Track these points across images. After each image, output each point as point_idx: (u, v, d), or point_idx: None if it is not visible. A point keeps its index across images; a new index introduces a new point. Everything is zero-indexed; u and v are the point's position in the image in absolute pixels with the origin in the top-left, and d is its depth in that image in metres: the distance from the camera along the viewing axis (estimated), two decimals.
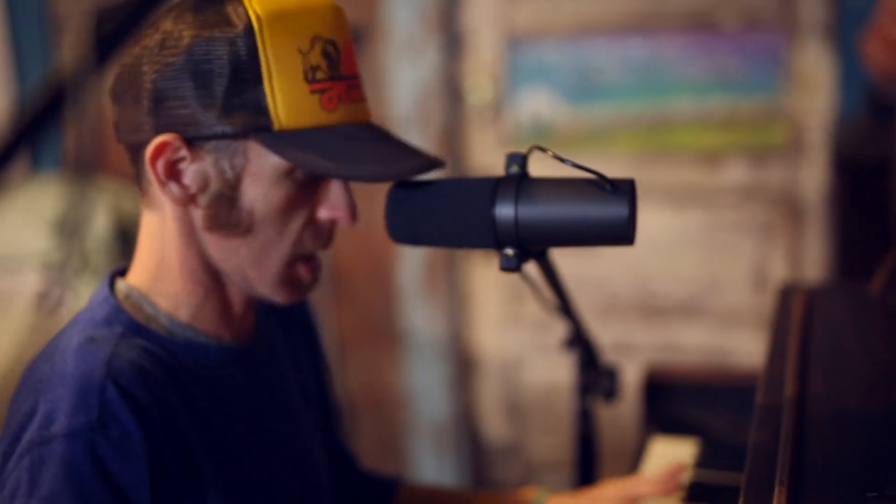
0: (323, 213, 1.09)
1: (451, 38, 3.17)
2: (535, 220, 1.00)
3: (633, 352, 3.11)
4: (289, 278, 1.11)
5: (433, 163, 1.06)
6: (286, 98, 1.01)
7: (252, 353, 1.18)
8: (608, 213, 0.99)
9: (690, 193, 3.08)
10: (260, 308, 1.24)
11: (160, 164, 1.04)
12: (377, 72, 3.13)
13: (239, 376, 1.14)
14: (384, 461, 3.27)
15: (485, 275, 3.27)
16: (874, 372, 1.27)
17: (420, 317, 3.23)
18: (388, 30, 3.09)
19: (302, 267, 1.11)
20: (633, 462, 1.57)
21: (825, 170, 2.92)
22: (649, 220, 3.12)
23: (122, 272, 1.16)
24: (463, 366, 3.31)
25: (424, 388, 3.27)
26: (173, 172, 1.05)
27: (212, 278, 1.11)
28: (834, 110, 2.90)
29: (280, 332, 1.29)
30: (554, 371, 3.20)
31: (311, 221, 1.09)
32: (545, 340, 3.23)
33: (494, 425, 3.32)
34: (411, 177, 1.05)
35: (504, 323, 3.27)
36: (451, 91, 3.17)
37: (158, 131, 1.03)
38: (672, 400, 1.70)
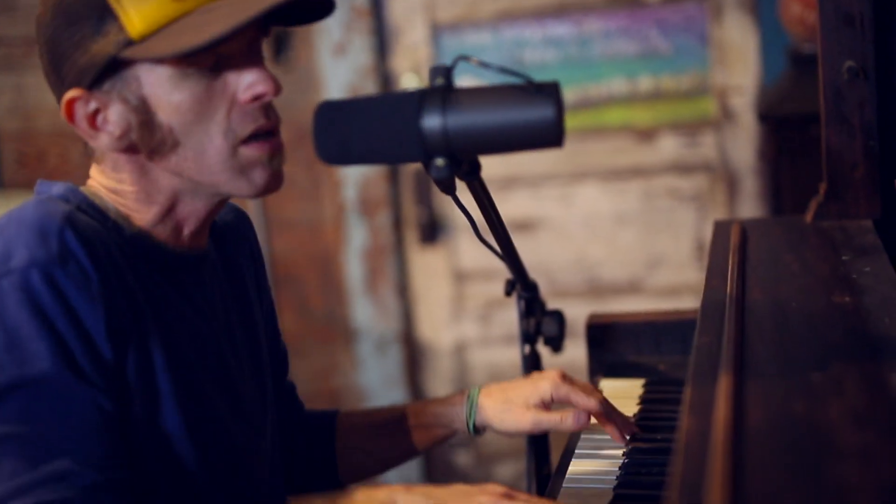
0: (243, 95, 1.09)
1: (380, 32, 3.17)
2: (462, 127, 0.99)
3: (578, 334, 3.11)
4: (242, 165, 1.10)
5: None
6: (135, 5, 1.04)
7: (205, 262, 1.19)
8: (534, 115, 0.99)
9: (625, 171, 3.11)
10: (212, 232, 1.23)
11: (79, 120, 1.08)
12: (308, 71, 3.12)
13: (194, 277, 1.16)
14: None
15: (427, 261, 3.25)
16: (812, 280, 1.28)
17: (367, 311, 3.21)
18: (318, 28, 3.07)
19: (250, 149, 1.10)
20: None
21: (756, 137, 2.96)
22: (586, 199, 3.14)
23: None
24: (413, 357, 3.29)
25: (376, 382, 3.25)
26: (96, 125, 1.08)
27: (167, 201, 1.12)
28: (760, 78, 2.94)
29: (230, 260, 1.29)
30: (503, 353, 3.19)
31: (234, 107, 1.09)
32: (492, 323, 3.22)
33: None
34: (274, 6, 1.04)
35: (450, 309, 3.26)
36: (383, 84, 3.17)
37: (63, 90, 1.08)
38: (616, 345, 1.70)
